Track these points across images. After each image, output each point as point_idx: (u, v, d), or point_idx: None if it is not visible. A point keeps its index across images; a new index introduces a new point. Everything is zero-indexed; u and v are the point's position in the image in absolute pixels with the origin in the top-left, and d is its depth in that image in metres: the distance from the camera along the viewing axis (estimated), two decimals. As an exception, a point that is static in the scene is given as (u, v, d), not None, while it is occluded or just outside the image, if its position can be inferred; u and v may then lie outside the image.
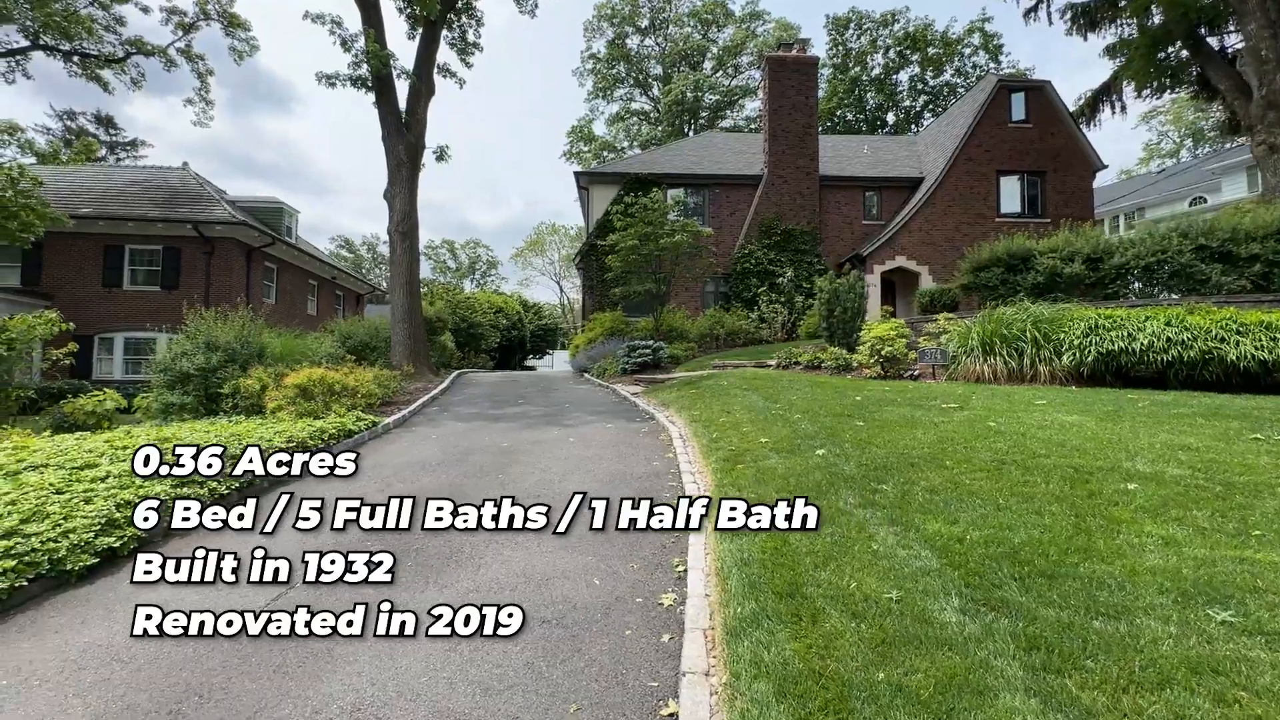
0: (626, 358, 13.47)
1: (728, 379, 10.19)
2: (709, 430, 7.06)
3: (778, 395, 8.29)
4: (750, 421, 6.95)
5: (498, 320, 29.12)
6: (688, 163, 23.32)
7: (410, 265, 14.56)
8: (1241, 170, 39.59)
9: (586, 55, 51.21)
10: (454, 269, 73.73)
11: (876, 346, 9.72)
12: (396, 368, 13.30)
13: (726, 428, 6.90)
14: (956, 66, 41.56)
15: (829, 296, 11.43)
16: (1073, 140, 21.62)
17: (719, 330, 18.49)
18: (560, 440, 7.54)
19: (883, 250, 20.85)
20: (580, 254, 22.01)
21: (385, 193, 14.77)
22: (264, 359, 9.67)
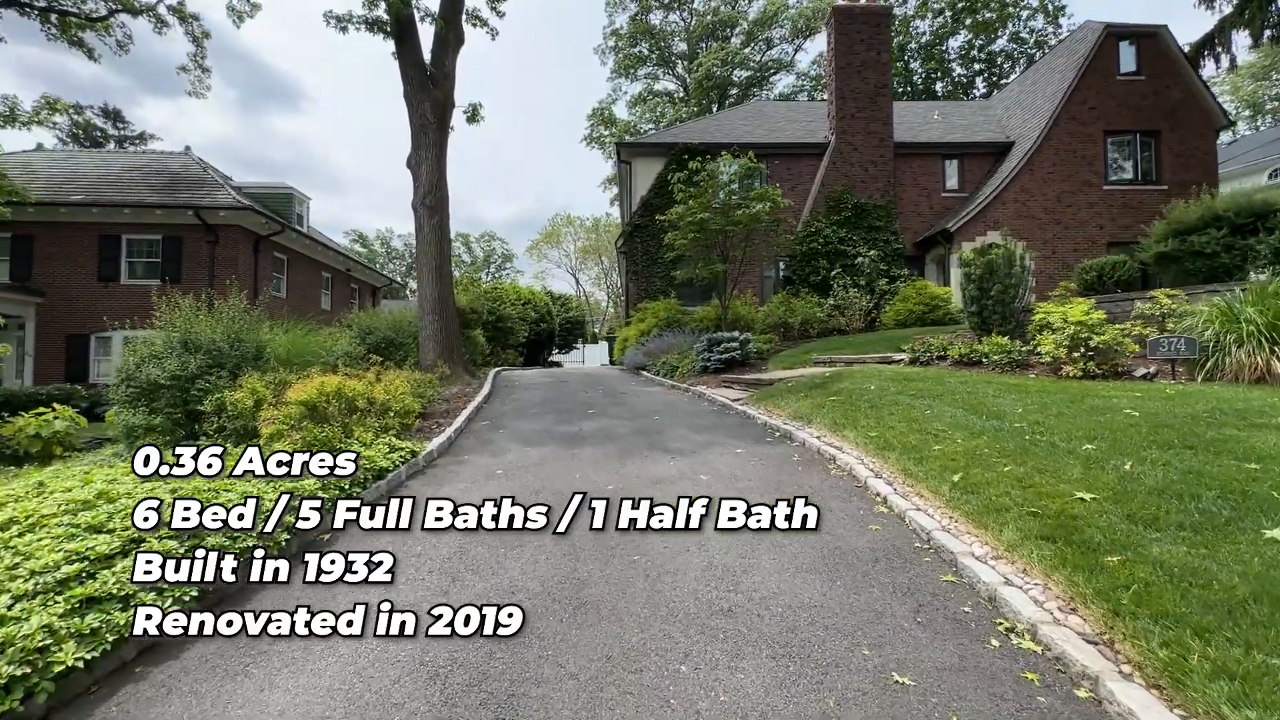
0: (707, 353, 11.00)
1: (863, 380, 7.71)
2: (924, 464, 4.60)
3: (981, 405, 5.80)
4: (997, 452, 4.47)
5: (526, 313, 26.76)
6: (739, 132, 20.72)
7: (441, 245, 12.19)
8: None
9: (609, 31, 48.55)
10: (469, 263, 71.70)
11: (1078, 336, 7.17)
12: (428, 368, 10.95)
13: (959, 462, 4.43)
14: (1012, 31, 38.31)
15: (982, 271, 8.87)
16: (1192, 93, 18.68)
17: (792, 320, 15.95)
18: (685, 478, 5.12)
19: (973, 225, 18.12)
20: (624, 235, 19.55)
21: (409, 160, 12.40)
22: (262, 362, 7.36)
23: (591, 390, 11.10)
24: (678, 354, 13.22)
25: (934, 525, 3.75)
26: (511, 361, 23.91)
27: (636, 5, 47.86)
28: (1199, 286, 7.87)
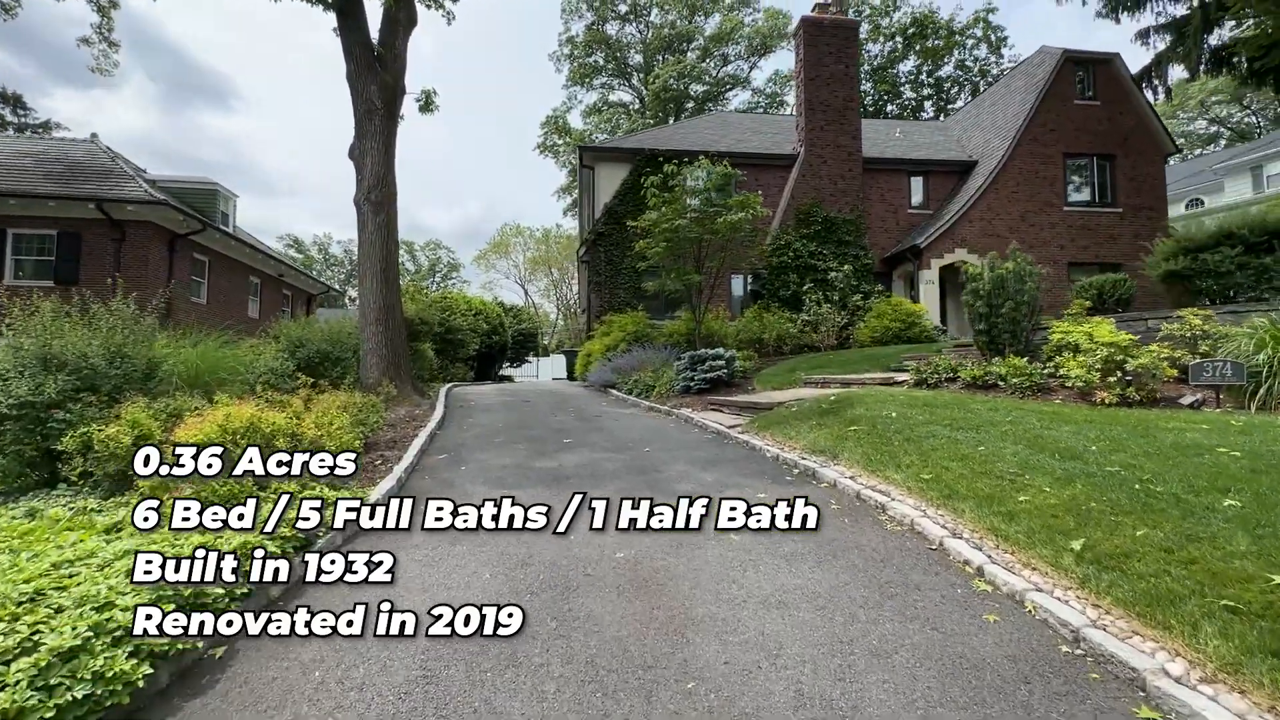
0: (689, 372, 9.97)
1: (878, 406, 6.85)
2: (1016, 522, 3.67)
3: (1040, 440, 4.97)
4: (1108, 507, 3.58)
5: (477, 324, 25.17)
6: (705, 140, 20.03)
7: (387, 246, 10.73)
8: (1246, 170, 38.71)
9: (564, 38, 47.61)
10: (414, 271, 68.79)
11: (1111, 359, 6.53)
12: (371, 388, 9.46)
13: (1065, 520, 3.53)
14: (958, 59, 39.67)
15: (990, 287, 8.22)
16: (1144, 120, 19.23)
17: (766, 336, 15.19)
18: (711, 538, 4.03)
19: (941, 242, 17.96)
20: (586, 244, 18.43)
21: (351, 149, 10.93)
22: (156, 383, 5.82)
23: (561, 412, 9.87)
24: (651, 371, 12.16)
25: (1078, 618, 2.79)
26: (462, 376, 22.31)
27: (593, 15, 47.19)
28: (1217, 307, 7.44)
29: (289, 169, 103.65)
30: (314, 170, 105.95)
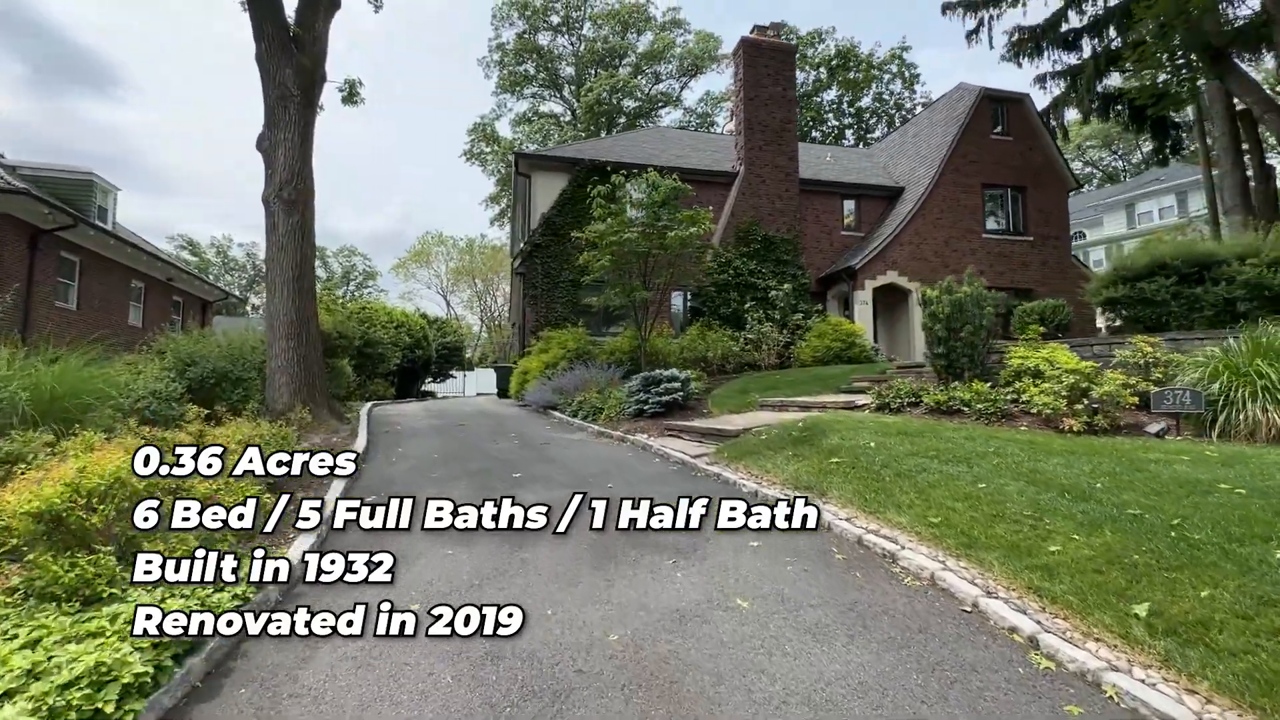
0: (642, 394, 9.34)
1: (852, 434, 6.51)
2: (1057, 580, 3.28)
3: (1038, 475, 4.71)
4: (1152, 560, 3.26)
5: (399, 337, 23.55)
6: (645, 153, 19.69)
7: (302, 250, 9.46)
8: (1122, 207, 43.01)
9: (494, 44, 46.40)
10: (326, 278, 64.47)
11: (1078, 386, 6.52)
12: (280, 413, 8.17)
13: (1112, 576, 3.17)
14: (876, 92, 41.89)
15: (950, 311, 8.16)
16: (1050, 157, 20.71)
17: (711, 354, 14.85)
18: (715, 606, 3.40)
19: (874, 264, 18.43)
20: (522, 255, 17.52)
21: (260, 140, 9.62)
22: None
23: (502, 438, 8.97)
24: (597, 392, 11.45)
25: (1180, 711, 2.36)
26: (382, 394, 20.68)
27: (525, 23, 46.34)
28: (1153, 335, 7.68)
29: (186, 165, 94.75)
30: (214, 167, 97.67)
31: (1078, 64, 24.08)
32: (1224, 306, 7.73)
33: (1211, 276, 7.92)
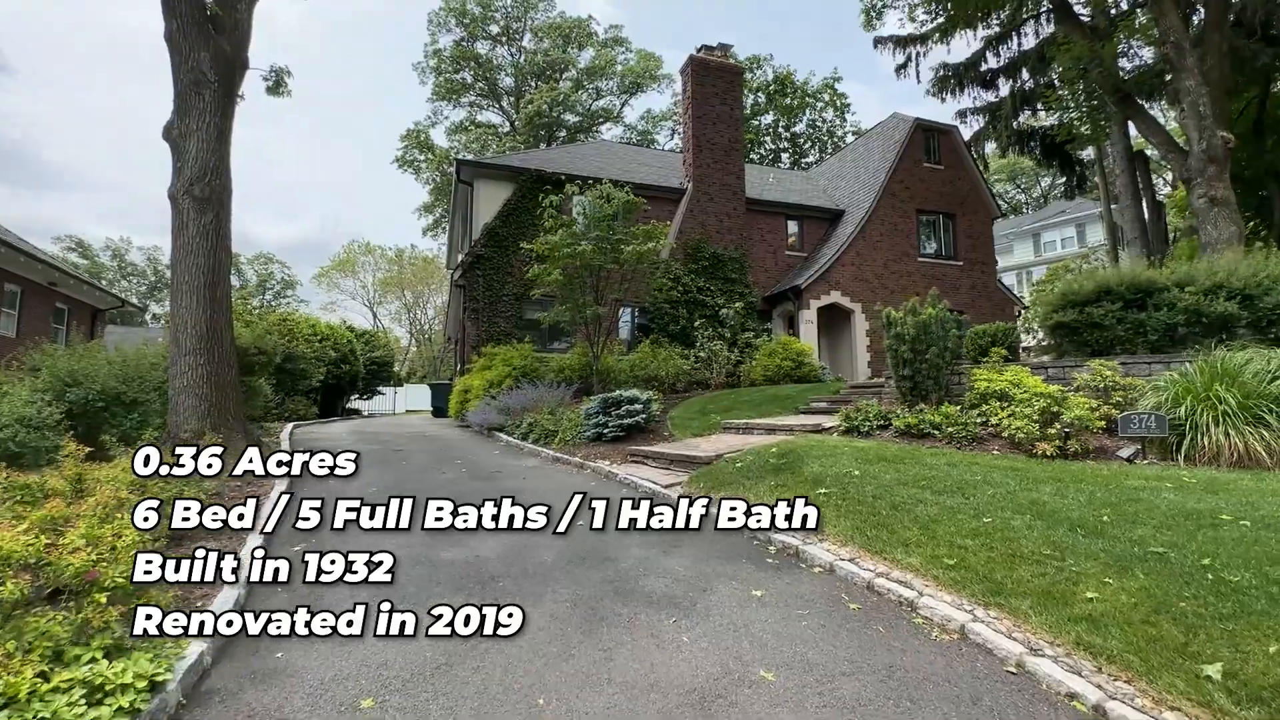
0: (601, 416, 8.75)
1: (831, 461, 6.23)
2: (1103, 632, 2.99)
3: (1038, 507, 4.52)
4: (1199, 610, 3.02)
5: (324, 351, 21.89)
6: (593, 166, 19.26)
7: (216, 255, 8.33)
8: (1029, 236, 46.28)
9: (430, 50, 44.97)
10: (239, 287, 59.97)
11: (1049, 410, 6.51)
12: (186, 442, 7.04)
13: (1162, 629, 2.91)
14: (809, 119, 43.48)
15: (916, 333, 8.11)
16: (976, 186, 21.85)
17: (663, 373, 14.46)
18: (738, 682, 2.89)
19: (819, 284, 18.71)
20: (462, 266, 16.59)
21: (168, 128, 8.46)
22: None
23: (448, 467, 8.14)
24: (548, 413, 10.77)
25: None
26: (303, 413, 19.06)
27: (463, 31, 45.24)
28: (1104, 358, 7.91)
29: (78, 161, 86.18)
30: (113, 163, 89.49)
31: (996, 101, 25.79)
32: (1165, 331, 8.05)
33: (1154, 302, 8.24)
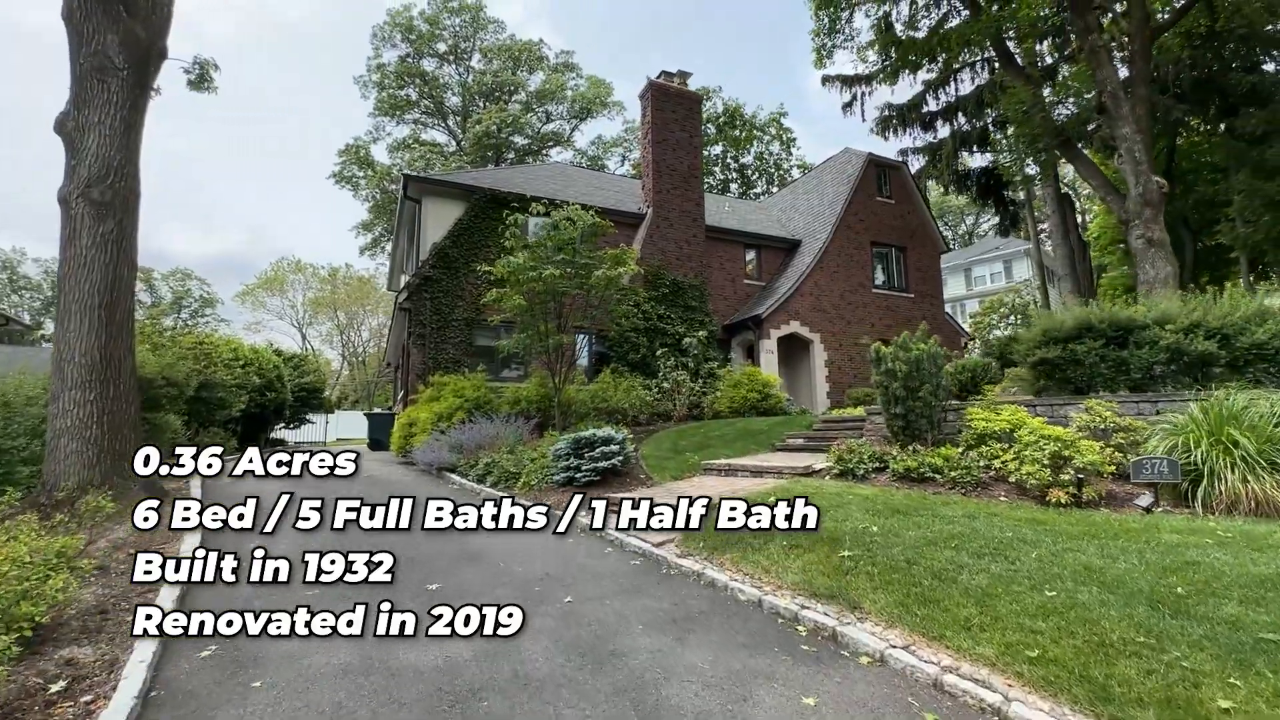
0: (574, 458, 7.84)
1: (844, 516, 5.62)
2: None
3: (1103, 577, 4.00)
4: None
5: (246, 378, 19.90)
6: (549, 188, 18.55)
7: (116, 270, 7.01)
8: (961, 271, 48.56)
9: (373, 64, 43.43)
10: (150, 304, 55.15)
11: (1060, 455, 6.15)
12: (63, 504, 5.67)
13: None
14: (757, 151, 44.44)
15: (908, 369, 7.70)
16: (924, 220, 22.46)
17: (626, 405, 13.68)
18: None
19: (778, 314, 18.52)
20: (409, 289, 15.39)
21: (60, 120, 7.15)
22: None
23: (396, 534, 7.02)
24: (507, 452, 9.77)
25: None
26: (221, 442, 17.03)
27: (409, 47, 44.00)
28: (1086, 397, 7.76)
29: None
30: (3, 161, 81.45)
31: (936, 142, 26.91)
32: (1146, 370, 7.98)
33: (1135, 340, 8.19)
